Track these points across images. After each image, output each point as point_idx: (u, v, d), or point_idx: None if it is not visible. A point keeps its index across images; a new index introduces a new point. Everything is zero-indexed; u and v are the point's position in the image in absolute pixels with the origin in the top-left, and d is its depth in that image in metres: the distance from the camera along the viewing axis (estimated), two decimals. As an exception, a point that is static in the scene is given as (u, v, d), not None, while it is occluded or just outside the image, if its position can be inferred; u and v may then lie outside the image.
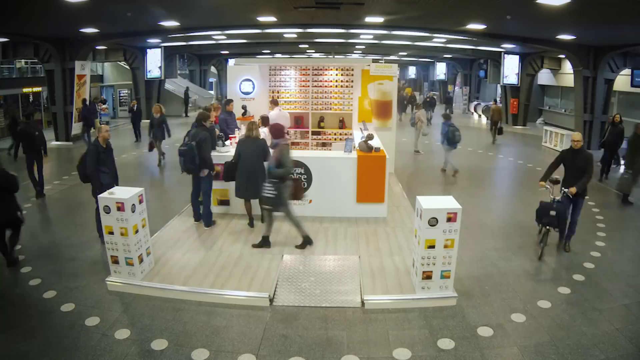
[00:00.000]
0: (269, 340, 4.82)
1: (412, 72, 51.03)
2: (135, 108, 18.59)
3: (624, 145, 11.45)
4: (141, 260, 5.95)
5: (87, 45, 16.93)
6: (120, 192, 5.82)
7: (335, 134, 11.99)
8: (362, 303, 5.53)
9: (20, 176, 7.05)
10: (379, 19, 13.20)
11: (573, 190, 6.71)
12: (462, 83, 33.34)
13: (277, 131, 6.90)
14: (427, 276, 5.51)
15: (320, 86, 11.89)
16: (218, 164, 8.17)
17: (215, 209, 8.29)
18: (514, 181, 12.32)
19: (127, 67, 23.70)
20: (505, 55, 22.14)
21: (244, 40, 22.30)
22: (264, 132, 9.26)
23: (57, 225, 8.27)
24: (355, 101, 11.79)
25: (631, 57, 15.86)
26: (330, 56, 28.58)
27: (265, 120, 9.54)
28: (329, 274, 6.21)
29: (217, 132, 9.37)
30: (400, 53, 30.45)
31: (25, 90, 20.83)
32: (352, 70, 11.81)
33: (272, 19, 13.13)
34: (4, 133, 17.91)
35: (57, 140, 17.02)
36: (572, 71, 17.41)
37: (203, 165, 7.38)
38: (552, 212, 6.78)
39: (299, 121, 12.03)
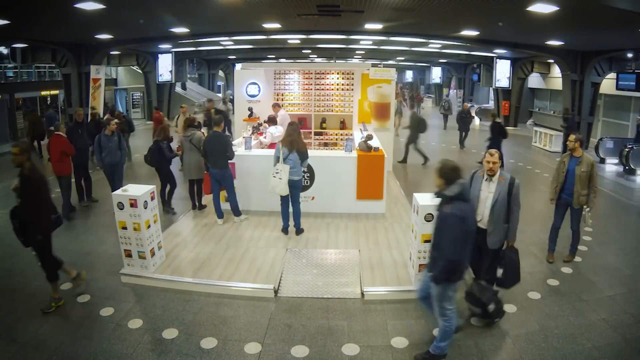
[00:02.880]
0: (274, 330, 4.82)
1: (409, 76, 50.97)
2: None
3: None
4: (153, 254, 5.95)
5: (102, 50, 16.92)
6: (133, 190, 5.82)
7: (336, 135, 11.97)
8: (362, 294, 5.52)
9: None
10: (378, 26, 13.15)
11: None
12: (456, 86, 33.28)
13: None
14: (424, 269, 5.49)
15: (322, 89, 11.86)
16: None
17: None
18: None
19: (140, 71, 23.69)
20: (498, 59, 22.08)
21: (250, 46, 22.25)
22: (270, 133, 9.28)
23: (71, 221, 8.25)
24: (356, 103, 11.75)
25: (616, 62, 15.80)
26: (332, 61, 28.51)
27: (272, 120, 9.57)
28: (330, 267, 6.21)
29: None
30: (398, 58, 30.38)
31: (43, 93, 20.86)
32: (353, 74, 11.77)
33: (276, 25, 13.10)
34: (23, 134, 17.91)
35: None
36: (560, 75, 17.33)
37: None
38: None
39: (302, 122, 11.99)
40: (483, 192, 4.92)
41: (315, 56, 29.04)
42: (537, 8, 8.17)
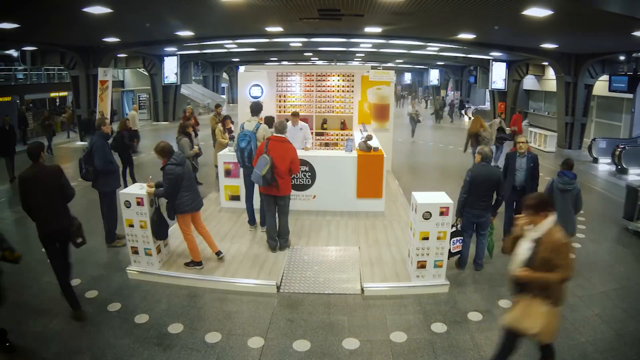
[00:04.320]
0: (276, 324, 4.82)
1: (407, 78, 50.96)
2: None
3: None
4: (159, 251, 5.95)
5: (109, 53, 16.93)
6: (140, 189, 5.81)
7: (337, 135, 11.95)
8: (362, 290, 5.52)
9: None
10: (377, 29, 13.14)
11: None
12: (453, 88, 33.24)
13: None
14: (422, 265, 5.49)
15: (323, 91, 11.82)
16: (229, 162, 8.16)
17: (226, 203, 8.29)
18: (501, 178, 12.26)
19: (146, 73, 23.70)
20: (494, 62, 22.07)
21: (254, 49, 22.28)
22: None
23: (79, 220, 8.23)
24: (356, 105, 11.72)
25: (609, 64, 15.79)
26: (333, 63, 28.49)
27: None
28: (331, 264, 6.20)
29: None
30: (397, 60, 30.36)
31: (52, 94, 20.88)
32: (353, 76, 11.73)
33: (279, 29, 13.10)
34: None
35: (81, 140, 17.06)
36: (554, 77, 17.32)
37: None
38: None
39: (303, 123, 12.00)
40: None
41: (317, 59, 29.03)
42: (532, 12, 8.15)
